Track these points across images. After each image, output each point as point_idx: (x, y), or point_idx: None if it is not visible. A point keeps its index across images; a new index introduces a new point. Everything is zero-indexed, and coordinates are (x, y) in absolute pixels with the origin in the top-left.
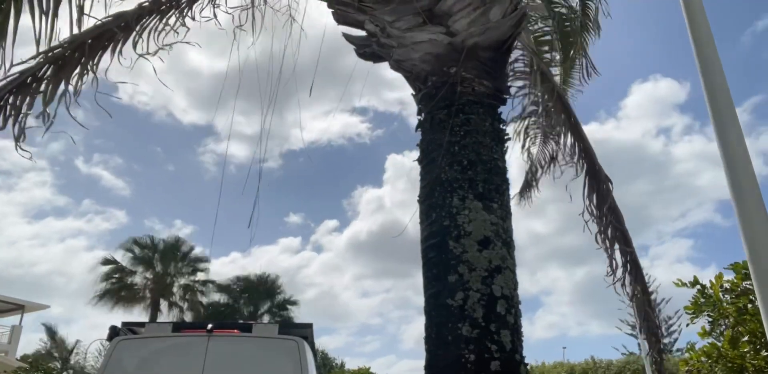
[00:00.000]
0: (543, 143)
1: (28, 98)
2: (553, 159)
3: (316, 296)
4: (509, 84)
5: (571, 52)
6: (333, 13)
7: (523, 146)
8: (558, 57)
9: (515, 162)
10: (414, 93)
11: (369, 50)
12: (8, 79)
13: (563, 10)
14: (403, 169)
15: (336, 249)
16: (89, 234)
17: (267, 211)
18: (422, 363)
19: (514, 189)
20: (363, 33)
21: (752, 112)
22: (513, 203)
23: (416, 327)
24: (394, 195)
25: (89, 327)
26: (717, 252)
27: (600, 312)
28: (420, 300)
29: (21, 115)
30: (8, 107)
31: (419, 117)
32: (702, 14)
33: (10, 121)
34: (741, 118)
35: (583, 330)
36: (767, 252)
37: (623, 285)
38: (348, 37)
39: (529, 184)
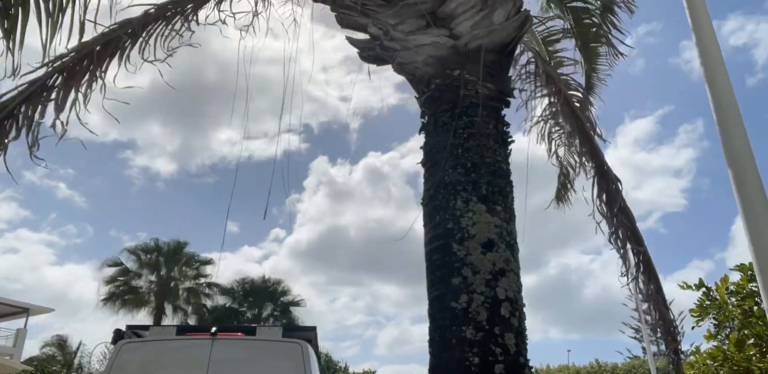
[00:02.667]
0: (568, 144)
1: (39, 107)
2: (581, 159)
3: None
4: (523, 86)
5: (594, 44)
6: (336, 17)
7: (549, 150)
8: (577, 54)
9: (542, 165)
10: (417, 96)
11: (372, 53)
12: (19, 89)
13: (579, 4)
14: (326, 176)
15: (282, 258)
16: (57, 247)
17: (205, 221)
18: (405, 368)
19: (548, 193)
20: (366, 36)
21: (659, 122)
22: (551, 208)
23: (388, 333)
24: (317, 204)
25: (77, 333)
26: (670, 261)
27: (556, 319)
28: (384, 308)
29: (33, 125)
30: (21, 117)
31: (422, 120)
32: (706, 16)
33: (23, 131)
34: (647, 128)
35: (543, 336)
36: None
37: (637, 285)
38: (351, 41)
39: (564, 187)
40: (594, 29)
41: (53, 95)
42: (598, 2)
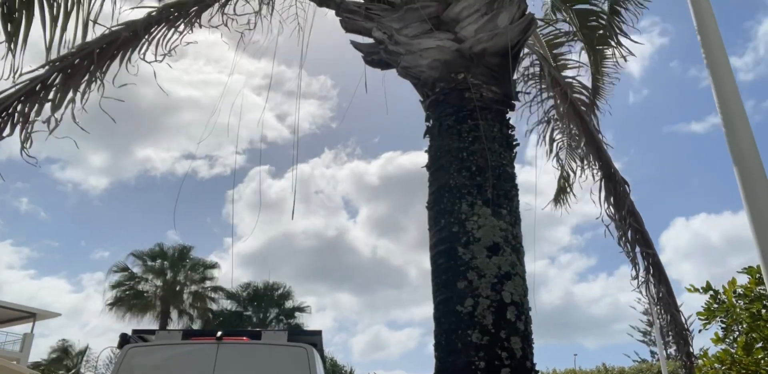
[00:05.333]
0: (570, 147)
1: (36, 105)
2: (582, 162)
3: None
4: (527, 89)
5: (601, 45)
6: (341, 21)
7: (550, 151)
8: (583, 57)
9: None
10: (422, 99)
11: (377, 57)
12: (17, 87)
13: (585, 7)
14: (265, 188)
15: (230, 266)
16: (31, 259)
17: (151, 232)
18: None
19: (547, 196)
20: (371, 40)
21: None
22: (548, 209)
23: (360, 339)
24: (256, 215)
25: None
26: (600, 267)
27: None
28: (345, 316)
29: (29, 123)
30: (16, 114)
31: (427, 123)
32: (711, 18)
33: (18, 128)
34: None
35: None
36: None
37: (647, 287)
38: (356, 45)
39: (563, 190)
40: (600, 31)
41: (51, 94)
42: (605, 4)
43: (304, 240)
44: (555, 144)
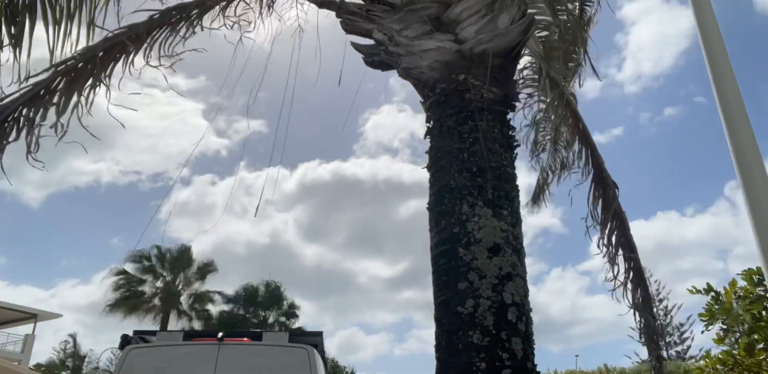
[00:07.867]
0: (553, 150)
1: (41, 110)
2: (563, 166)
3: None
4: (523, 90)
5: (574, 55)
6: (341, 23)
7: (532, 154)
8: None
9: (523, 170)
10: (422, 100)
11: (377, 59)
12: (22, 91)
13: (565, 17)
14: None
15: None
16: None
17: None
18: None
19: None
20: (371, 42)
21: None
22: (524, 210)
23: (331, 342)
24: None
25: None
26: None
27: None
28: (318, 320)
29: (34, 127)
30: (21, 119)
31: (428, 124)
32: (713, 20)
33: (23, 133)
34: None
35: None
36: None
37: (624, 291)
38: (356, 46)
39: (541, 191)
40: (576, 48)
41: (55, 98)
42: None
43: (244, 247)
44: (538, 146)
